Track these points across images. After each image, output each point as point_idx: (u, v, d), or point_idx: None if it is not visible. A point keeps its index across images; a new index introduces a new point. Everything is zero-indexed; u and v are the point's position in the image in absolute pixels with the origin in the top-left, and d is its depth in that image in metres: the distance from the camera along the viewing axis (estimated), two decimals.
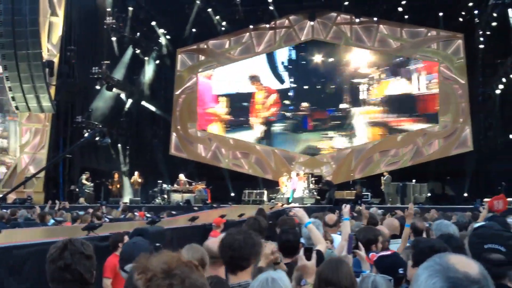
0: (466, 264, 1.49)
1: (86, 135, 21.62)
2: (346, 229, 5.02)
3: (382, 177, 22.74)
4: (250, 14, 26.54)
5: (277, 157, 26.46)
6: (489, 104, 24.34)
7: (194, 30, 26.91)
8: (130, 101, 25.63)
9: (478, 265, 1.53)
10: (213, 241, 3.88)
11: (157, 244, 4.72)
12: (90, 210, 14.24)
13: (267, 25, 26.78)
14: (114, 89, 23.91)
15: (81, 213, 13.89)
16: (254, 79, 27.52)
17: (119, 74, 24.80)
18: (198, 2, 24.94)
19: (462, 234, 5.01)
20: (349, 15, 25.94)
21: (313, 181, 23.36)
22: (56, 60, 21.81)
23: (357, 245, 4.22)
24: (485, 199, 19.76)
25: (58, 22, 21.95)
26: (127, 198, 23.65)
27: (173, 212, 14.91)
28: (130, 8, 23.86)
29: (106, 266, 5.87)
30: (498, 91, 22.89)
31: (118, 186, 23.80)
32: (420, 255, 2.90)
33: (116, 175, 23.71)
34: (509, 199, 19.34)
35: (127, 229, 7.52)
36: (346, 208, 5.40)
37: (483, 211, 8.61)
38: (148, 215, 14.41)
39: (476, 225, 5.37)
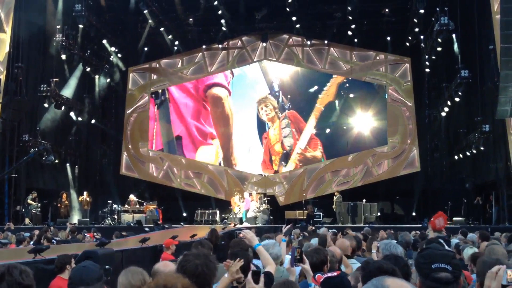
0: (398, 286, 1.61)
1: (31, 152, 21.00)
2: (282, 248, 5.44)
3: (334, 197, 23.04)
4: (203, 34, 26.70)
5: (230, 177, 26.43)
6: (435, 126, 25.18)
7: (146, 49, 26.81)
8: (79, 119, 25.11)
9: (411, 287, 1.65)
10: (164, 264, 3.84)
11: (107, 267, 4.63)
12: (36, 232, 13.81)
13: (220, 46, 26.92)
14: (63, 107, 23.41)
15: (27, 234, 13.47)
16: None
17: (68, 92, 24.31)
18: (150, 21, 24.85)
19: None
20: (301, 38, 26.41)
21: (266, 201, 23.45)
22: (2, 77, 21.17)
23: (301, 257, 4.26)
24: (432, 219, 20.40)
25: (5, 38, 21.38)
26: (75, 218, 23.06)
27: (123, 233, 14.62)
28: (81, 26, 23.49)
29: None
30: (443, 114, 23.69)
31: (66, 206, 23.15)
32: (369, 277, 2.95)
33: (64, 195, 23.07)
34: (457, 218, 20.05)
35: (76, 251, 7.33)
36: (285, 228, 5.75)
37: (429, 232, 8.86)
38: (97, 236, 14.08)
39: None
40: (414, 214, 23.88)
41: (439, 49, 22.10)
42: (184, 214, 25.63)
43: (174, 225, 20.51)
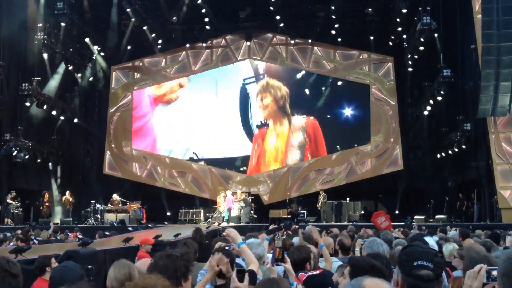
0: (376, 286, 1.74)
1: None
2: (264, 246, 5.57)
3: (319, 195, 22.96)
4: (187, 33, 26.60)
5: (214, 176, 26.38)
6: (417, 125, 25.39)
7: (129, 47, 26.63)
8: (62, 118, 24.83)
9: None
10: (143, 262, 3.83)
11: (89, 267, 4.60)
12: (19, 232, 13.67)
13: (204, 44, 26.85)
14: (45, 106, 23.14)
15: (9, 234, 13.33)
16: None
17: (50, 91, 24.05)
18: (133, 19, 24.70)
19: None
20: (285, 36, 26.45)
21: (244, 200, 23.39)
22: None
23: (283, 257, 4.27)
24: (416, 216, 20.61)
25: None
26: (57, 218, 22.85)
27: (106, 233, 14.52)
28: (63, 24, 23.27)
29: None
30: (426, 112, 23.90)
31: (49, 206, 22.93)
32: (359, 274, 2.96)
33: (46, 195, 22.84)
34: (439, 216, 20.20)
35: (58, 251, 7.27)
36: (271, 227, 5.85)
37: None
38: (80, 236, 13.98)
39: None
40: (397, 212, 24.05)
41: (421, 48, 22.32)
42: (168, 214, 25.56)
43: (158, 224, 20.42)
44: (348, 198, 23.32)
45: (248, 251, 4.47)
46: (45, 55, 23.11)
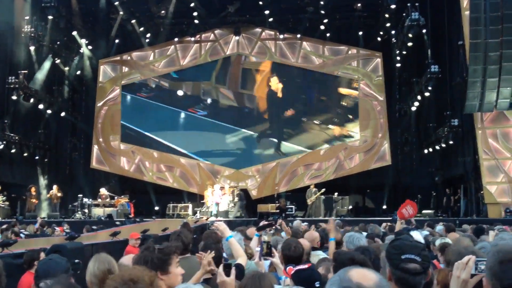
0: (362, 276, 1.73)
1: None
2: (253, 242, 5.64)
3: (313, 190, 22.76)
4: (175, 26, 26.47)
5: (202, 170, 26.33)
6: (405, 120, 25.51)
7: (117, 41, 26.45)
8: (49, 112, 24.61)
9: (377, 277, 1.73)
10: (129, 258, 3.82)
11: (76, 261, 4.56)
12: (4, 226, 13.57)
13: (192, 38, 26.75)
14: (32, 100, 22.92)
15: None
16: None
17: (37, 84, 23.82)
18: (121, 13, 24.53)
19: (375, 245, 5.21)
20: (274, 31, 26.42)
21: (238, 195, 23.40)
22: None
23: (270, 251, 4.28)
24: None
25: None
26: (44, 212, 22.70)
27: (94, 227, 14.47)
28: (50, 17, 23.05)
29: (20, 286, 5.59)
30: (413, 108, 24.02)
31: (35, 200, 22.76)
32: (341, 267, 2.98)
33: (33, 189, 22.66)
34: (426, 211, 20.35)
35: (44, 245, 7.22)
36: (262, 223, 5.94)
37: (397, 223, 9.01)
38: (67, 230, 13.92)
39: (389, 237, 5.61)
40: (385, 207, 24.18)
41: (409, 44, 22.39)
42: (156, 208, 25.47)
43: (146, 219, 20.36)
44: (336, 193, 23.37)
45: (236, 245, 4.47)
46: (32, 48, 22.90)
